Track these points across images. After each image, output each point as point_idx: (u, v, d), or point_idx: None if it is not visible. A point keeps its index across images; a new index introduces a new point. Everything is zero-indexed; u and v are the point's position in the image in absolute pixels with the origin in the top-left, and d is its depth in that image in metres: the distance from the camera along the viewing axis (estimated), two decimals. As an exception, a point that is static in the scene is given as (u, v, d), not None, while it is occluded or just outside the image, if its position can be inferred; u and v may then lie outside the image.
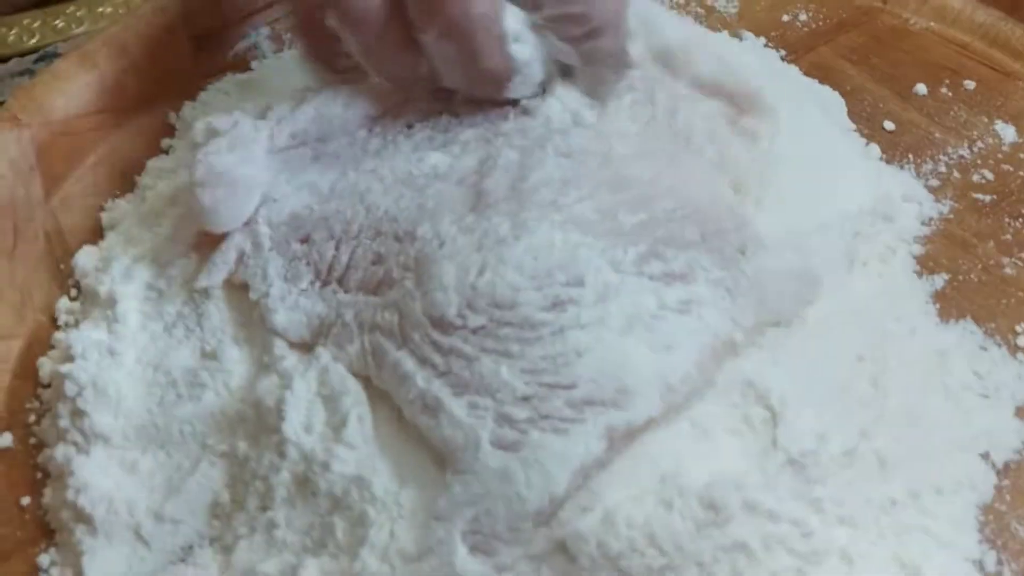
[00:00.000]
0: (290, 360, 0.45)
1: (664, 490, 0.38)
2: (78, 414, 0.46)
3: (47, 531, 0.45)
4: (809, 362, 0.44)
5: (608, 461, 0.39)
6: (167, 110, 0.62)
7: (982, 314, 0.49)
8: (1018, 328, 0.49)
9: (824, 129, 0.56)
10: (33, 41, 0.76)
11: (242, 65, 0.65)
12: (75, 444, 0.46)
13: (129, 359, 0.47)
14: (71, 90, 0.59)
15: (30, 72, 0.68)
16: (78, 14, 0.78)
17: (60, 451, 0.46)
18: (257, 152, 0.47)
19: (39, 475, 0.47)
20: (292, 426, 0.42)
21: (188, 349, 0.47)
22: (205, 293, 0.48)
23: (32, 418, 0.49)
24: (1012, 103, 0.59)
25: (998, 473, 0.44)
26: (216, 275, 0.47)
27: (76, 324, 0.51)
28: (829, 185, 0.52)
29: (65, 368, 0.46)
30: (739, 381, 0.42)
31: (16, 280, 0.53)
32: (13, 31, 0.77)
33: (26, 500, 0.46)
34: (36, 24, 0.77)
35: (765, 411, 0.42)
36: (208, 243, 0.48)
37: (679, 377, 0.40)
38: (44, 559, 0.44)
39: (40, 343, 0.51)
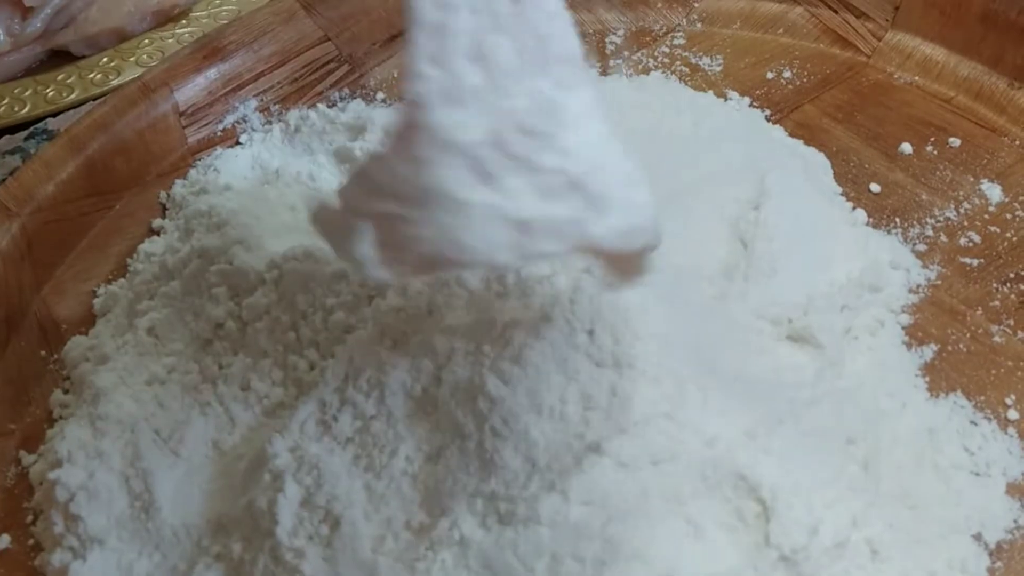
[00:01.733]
0: (283, 459, 0.45)
1: (658, 593, 0.39)
2: (72, 519, 0.46)
3: (46, 636, 0.46)
4: (800, 449, 0.44)
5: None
6: (157, 189, 0.62)
7: (972, 387, 0.49)
8: (1008, 400, 0.49)
9: (812, 196, 0.56)
10: (24, 111, 0.76)
11: (230, 139, 0.65)
12: (71, 549, 0.46)
13: (116, 460, 0.47)
14: (61, 176, 0.60)
15: (21, 150, 0.69)
16: (68, 82, 0.79)
17: (57, 556, 0.46)
18: None
19: (37, 577, 0.47)
20: (285, 530, 0.42)
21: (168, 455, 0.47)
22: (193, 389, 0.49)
23: (29, 518, 0.49)
24: (997, 160, 0.59)
25: (991, 554, 0.44)
26: None
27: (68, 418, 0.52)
28: (818, 256, 0.53)
29: (54, 474, 0.47)
30: (731, 474, 0.42)
31: (10, 374, 0.54)
32: (4, 101, 0.78)
33: (25, 604, 0.47)
34: (27, 93, 0.78)
35: (757, 505, 0.42)
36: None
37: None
38: (43, 666, 0.45)
39: (36, 439, 0.52)
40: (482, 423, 0.43)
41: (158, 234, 0.60)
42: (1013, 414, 0.48)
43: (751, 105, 0.64)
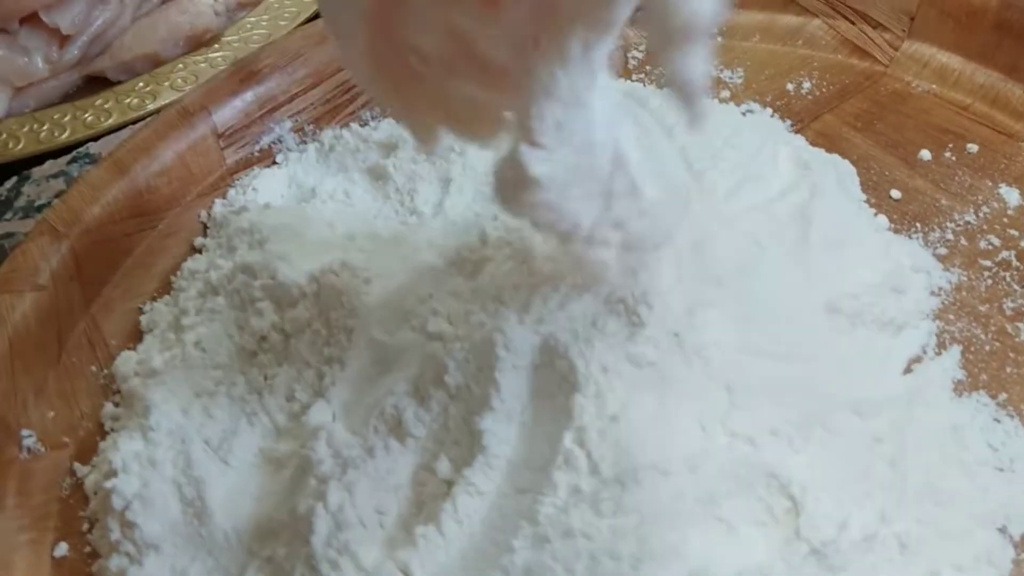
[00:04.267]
0: (327, 465, 0.47)
1: (693, 587, 0.40)
2: (128, 526, 0.48)
3: (105, 639, 0.48)
4: (829, 449, 0.46)
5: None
6: (198, 208, 0.64)
7: (995, 385, 0.51)
8: (1030, 398, 0.50)
9: (844, 202, 0.58)
10: (64, 136, 0.79)
11: (267, 159, 0.67)
12: (128, 555, 0.48)
13: (168, 469, 0.49)
14: (105, 198, 0.62)
15: (65, 174, 0.71)
16: (106, 106, 0.81)
17: (114, 562, 0.48)
18: None
19: (95, 583, 0.49)
20: (320, 539, 0.44)
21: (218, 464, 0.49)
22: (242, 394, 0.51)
23: (85, 526, 0.51)
24: (1015, 165, 0.60)
25: (1016, 547, 0.45)
26: None
27: (120, 430, 0.54)
28: (850, 260, 0.54)
29: (110, 483, 0.49)
30: (762, 473, 0.44)
31: (63, 389, 0.56)
32: (45, 127, 0.80)
33: (83, 610, 0.48)
34: (66, 118, 0.81)
35: (788, 501, 0.43)
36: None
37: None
38: (103, 668, 0.46)
39: (89, 451, 0.54)
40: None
41: (200, 252, 0.63)
42: (1035, 411, 0.50)
43: (772, 116, 0.66)
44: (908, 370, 0.52)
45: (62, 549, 0.50)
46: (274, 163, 0.67)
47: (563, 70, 0.38)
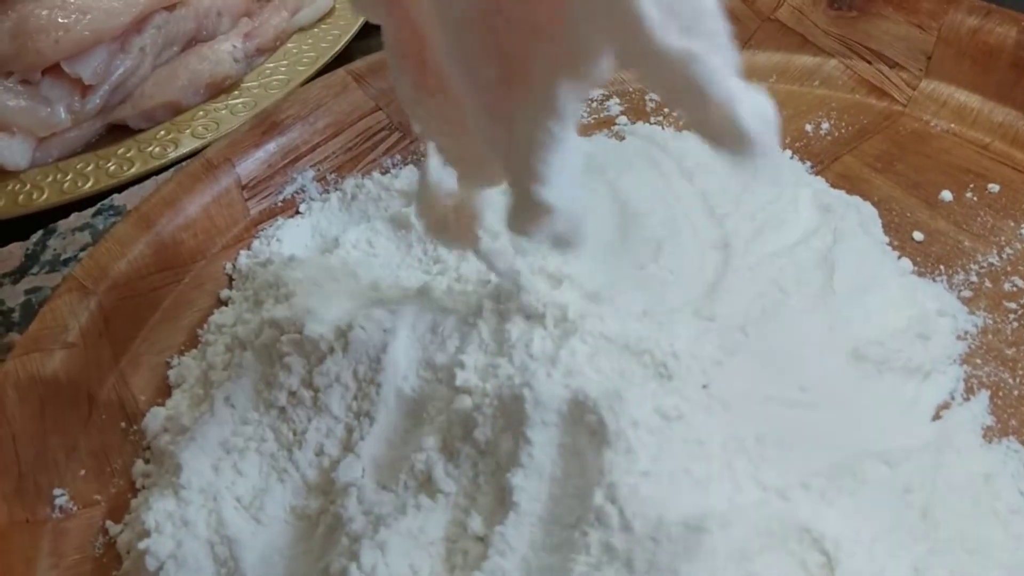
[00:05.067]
0: (358, 523, 0.47)
1: (730, 647, 0.40)
2: (164, 587, 0.48)
3: None
4: (860, 500, 0.46)
5: None
6: (223, 260, 0.65)
7: (1024, 430, 0.51)
8: (1059, 443, 0.50)
9: (869, 245, 0.58)
10: (88, 186, 0.80)
11: (290, 209, 0.68)
12: (164, 617, 0.48)
13: (201, 529, 0.50)
14: (132, 253, 0.62)
15: (90, 227, 0.72)
16: (128, 155, 0.82)
17: (150, 623, 0.48)
18: None
19: (130, 645, 0.50)
20: None
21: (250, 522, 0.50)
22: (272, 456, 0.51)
23: (119, 586, 0.51)
24: (1037, 204, 0.61)
25: (1051, 596, 0.45)
26: None
27: (151, 488, 0.54)
28: (875, 305, 0.55)
29: (143, 544, 0.49)
30: (795, 527, 0.44)
31: (93, 447, 0.56)
32: (68, 177, 0.81)
33: (120, 672, 0.49)
34: (89, 168, 0.81)
35: (822, 556, 0.43)
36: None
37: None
38: None
39: (121, 509, 0.54)
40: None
41: (226, 304, 0.63)
42: (1066, 456, 0.50)
43: (792, 157, 0.66)
44: (937, 417, 0.52)
45: (96, 610, 0.50)
46: (297, 212, 0.68)
47: (558, 121, 0.38)
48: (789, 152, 0.66)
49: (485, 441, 0.48)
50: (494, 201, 0.48)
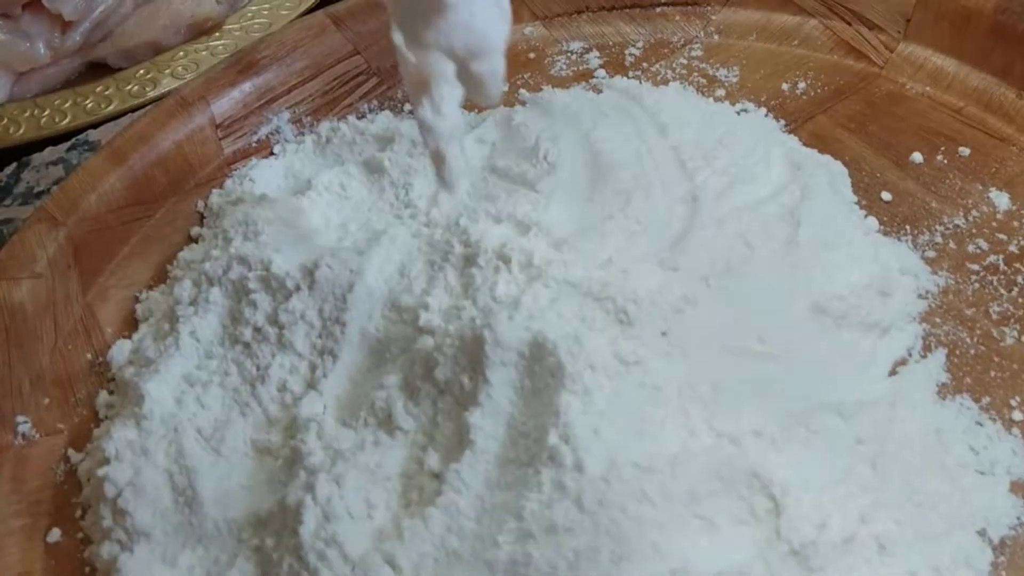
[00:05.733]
0: (317, 457, 0.47)
1: (673, 585, 0.41)
2: (120, 513, 0.49)
3: (97, 624, 0.48)
4: (811, 449, 0.46)
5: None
6: (195, 198, 0.65)
7: (978, 389, 0.51)
8: (1012, 402, 0.50)
9: (836, 203, 0.58)
10: (65, 122, 0.79)
11: (265, 150, 0.68)
12: (119, 542, 0.49)
13: (160, 458, 0.50)
14: (103, 187, 0.62)
15: (64, 161, 0.72)
16: (106, 93, 0.81)
17: (106, 549, 0.49)
18: None
19: (87, 569, 0.50)
20: (308, 530, 0.45)
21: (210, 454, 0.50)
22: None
23: (78, 513, 0.52)
24: (1006, 169, 0.61)
25: (994, 549, 0.46)
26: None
27: (114, 418, 0.55)
28: (839, 262, 0.55)
29: (102, 471, 0.49)
30: (745, 473, 0.44)
31: (59, 377, 0.57)
32: (46, 112, 0.81)
33: (75, 595, 0.49)
34: (67, 105, 0.81)
35: (769, 501, 0.44)
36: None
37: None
38: (93, 655, 0.47)
39: (83, 438, 0.55)
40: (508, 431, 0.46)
41: (196, 242, 0.63)
42: (1018, 415, 0.50)
43: (766, 115, 0.66)
44: (893, 372, 0.52)
45: (55, 535, 0.51)
46: (271, 154, 0.68)
47: None
48: (764, 110, 0.67)
49: (445, 381, 0.48)
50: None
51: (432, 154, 0.49)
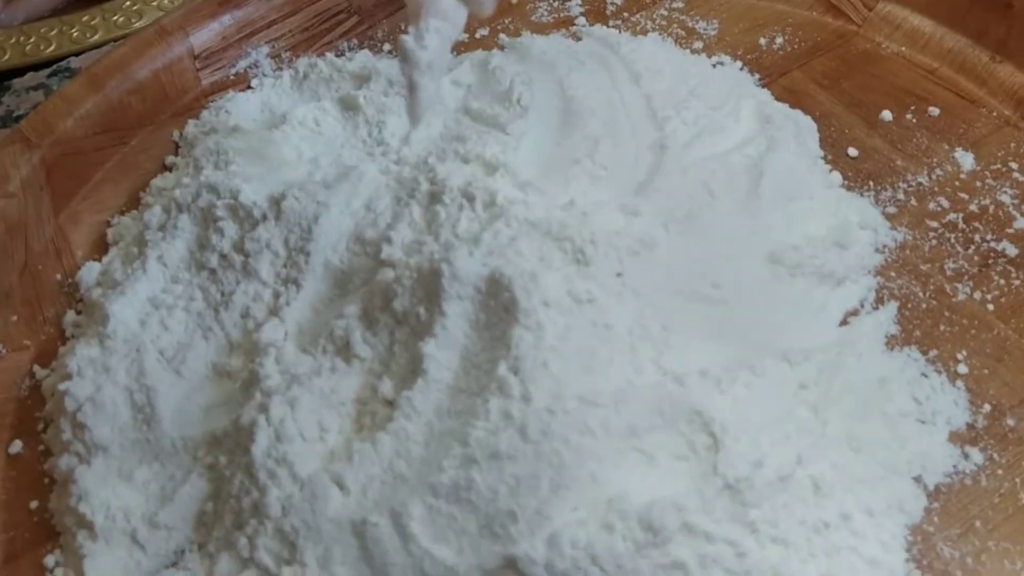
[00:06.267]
0: (273, 380, 0.48)
1: (608, 513, 0.42)
2: (79, 427, 0.50)
3: (53, 533, 0.49)
4: (754, 391, 0.47)
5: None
6: (171, 128, 0.66)
7: (927, 341, 0.52)
8: (959, 356, 0.51)
9: (800, 157, 0.59)
10: (50, 50, 0.80)
11: (242, 83, 0.68)
12: (77, 455, 0.50)
13: (121, 376, 0.51)
14: (79, 111, 0.63)
15: (44, 87, 0.72)
16: (92, 23, 0.82)
17: (64, 460, 0.50)
18: None
19: (46, 480, 0.51)
20: (260, 449, 0.46)
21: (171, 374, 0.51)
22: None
23: (40, 426, 0.53)
24: (974, 130, 0.61)
25: (929, 496, 0.47)
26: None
27: (78, 337, 0.56)
28: (797, 214, 0.56)
29: (63, 385, 0.51)
30: (686, 410, 0.45)
31: (27, 295, 0.57)
32: (31, 40, 0.81)
33: (34, 504, 0.50)
34: (53, 32, 0.81)
35: (708, 438, 0.45)
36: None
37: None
38: (50, 560, 0.48)
39: (49, 355, 0.56)
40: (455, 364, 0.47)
41: (170, 170, 0.64)
42: (963, 368, 0.51)
43: (742, 69, 0.67)
44: (844, 323, 0.53)
45: (16, 446, 0.52)
46: (249, 87, 0.68)
47: None
48: (740, 63, 0.67)
49: (403, 311, 0.49)
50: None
51: (406, 81, 0.50)
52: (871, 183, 0.59)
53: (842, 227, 0.56)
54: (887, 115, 0.63)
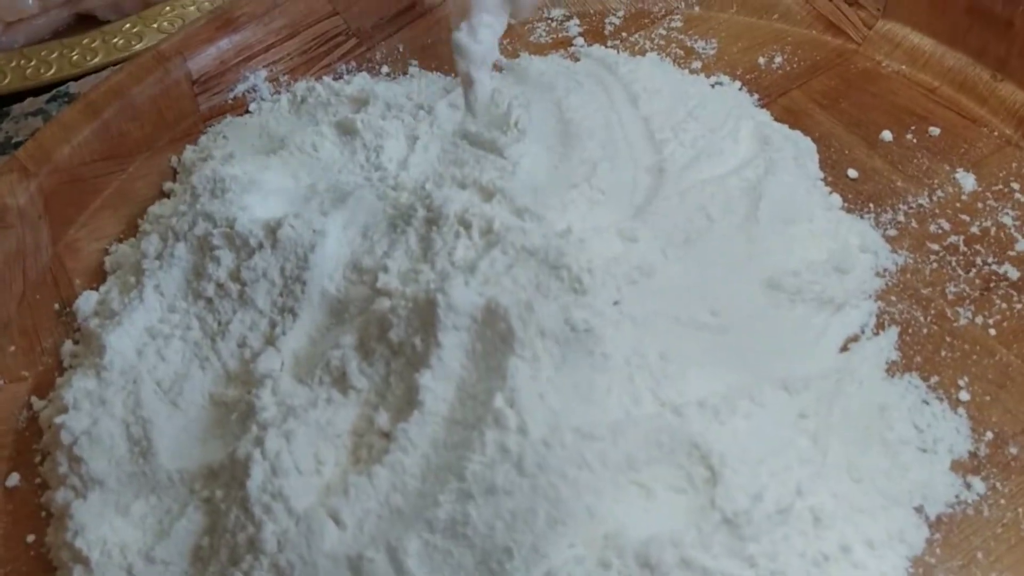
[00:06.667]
0: (270, 412, 0.48)
1: (605, 549, 0.42)
2: (75, 460, 0.50)
3: (50, 568, 0.49)
4: (753, 422, 0.47)
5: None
6: (169, 153, 0.66)
7: (928, 368, 0.52)
8: (960, 382, 0.51)
9: (799, 179, 0.59)
10: (50, 73, 0.80)
11: (240, 107, 0.68)
12: (74, 488, 0.50)
13: (118, 408, 0.51)
14: (77, 139, 0.63)
15: (43, 112, 0.72)
16: (93, 46, 0.82)
17: (60, 494, 0.50)
18: None
19: (43, 514, 0.51)
20: (256, 484, 0.46)
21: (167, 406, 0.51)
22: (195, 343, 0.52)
23: (37, 459, 0.53)
24: (975, 150, 0.61)
25: (930, 526, 0.46)
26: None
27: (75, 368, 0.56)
28: (796, 238, 0.55)
29: (60, 419, 0.50)
30: (685, 442, 0.45)
31: (25, 325, 0.58)
32: (31, 63, 0.81)
33: (31, 538, 0.50)
34: (53, 56, 0.81)
35: (707, 471, 0.45)
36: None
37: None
38: (46, 595, 0.48)
39: (47, 386, 0.56)
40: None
41: (168, 197, 0.64)
42: (964, 395, 0.50)
43: (740, 89, 0.66)
44: (844, 349, 0.53)
45: (14, 479, 0.52)
46: (247, 112, 0.68)
47: None
48: (739, 83, 0.67)
49: (399, 342, 0.49)
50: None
51: (462, 77, 0.51)
52: (871, 205, 0.59)
53: (842, 251, 0.55)
54: (887, 135, 0.62)
